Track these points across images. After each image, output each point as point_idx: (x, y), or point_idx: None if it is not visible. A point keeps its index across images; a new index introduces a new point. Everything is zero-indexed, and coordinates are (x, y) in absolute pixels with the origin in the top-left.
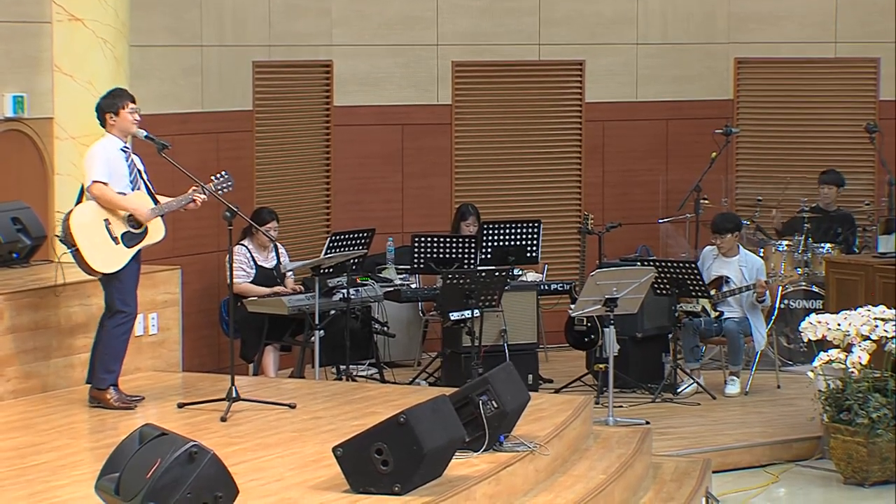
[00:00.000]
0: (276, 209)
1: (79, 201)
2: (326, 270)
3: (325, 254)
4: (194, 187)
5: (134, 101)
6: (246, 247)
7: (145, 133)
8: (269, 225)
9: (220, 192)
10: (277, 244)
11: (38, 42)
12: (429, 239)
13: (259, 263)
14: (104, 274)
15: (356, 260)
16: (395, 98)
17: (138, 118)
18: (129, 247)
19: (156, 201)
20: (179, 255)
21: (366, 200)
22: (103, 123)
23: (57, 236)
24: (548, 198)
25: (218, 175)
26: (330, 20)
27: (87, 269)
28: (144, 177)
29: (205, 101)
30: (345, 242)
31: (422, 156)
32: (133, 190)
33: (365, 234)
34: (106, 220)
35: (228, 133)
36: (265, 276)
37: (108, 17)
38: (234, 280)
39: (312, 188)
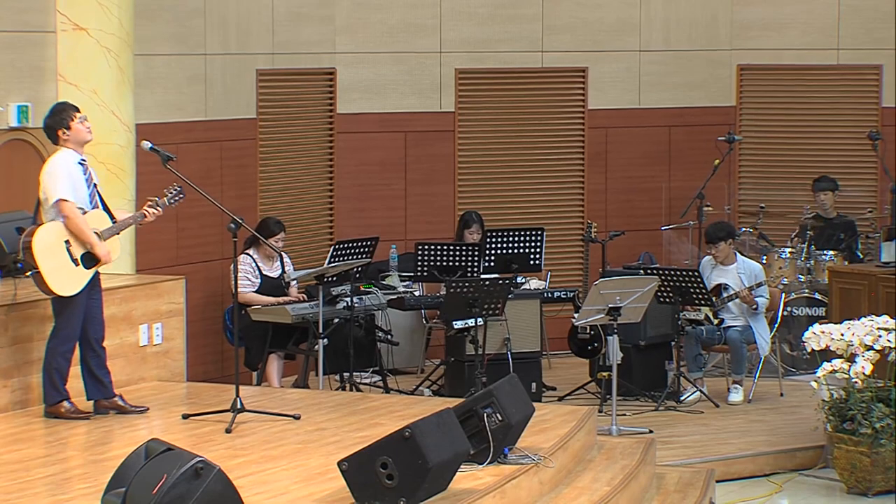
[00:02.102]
0: (279, 217)
1: (36, 214)
2: (330, 279)
3: (329, 262)
4: (149, 200)
5: (79, 111)
6: (251, 256)
7: (150, 145)
8: (276, 236)
9: (171, 204)
10: (283, 254)
11: (43, 51)
12: (432, 247)
13: (264, 273)
14: (63, 296)
15: (359, 268)
16: (399, 105)
17: (88, 125)
18: (88, 268)
19: (111, 215)
20: (184, 264)
21: (369, 207)
22: (56, 141)
23: (20, 261)
24: (551, 204)
25: (170, 188)
26: (333, 28)
27: (47, 290)
28: (99, 190)
29: (209, 109)
30: (348, 251)
31: (425, 163)
32: (91, 205)
33: (368, 243)
34: (66, 241)
35: (232, 141)
36: (270, 286)
37: (113, 27)
38: (239, 289)
39: (316, 195)
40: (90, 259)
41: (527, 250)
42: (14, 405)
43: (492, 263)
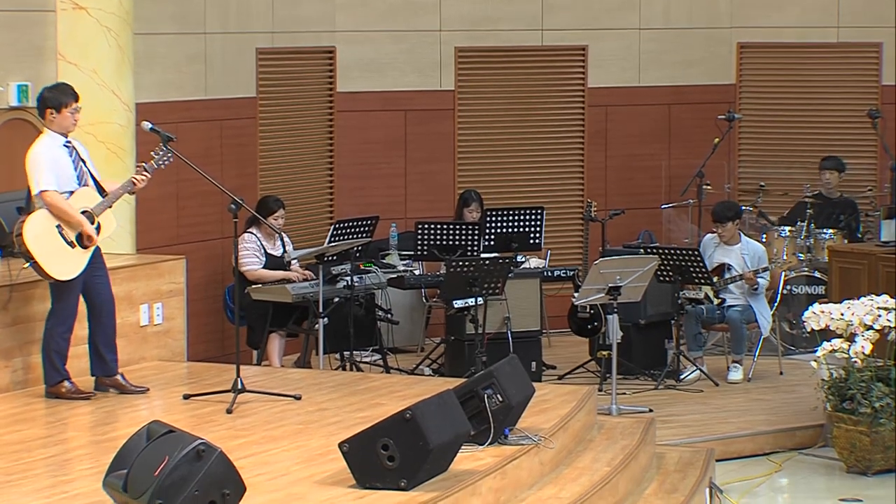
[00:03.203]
0: (280, 195)
1: (28, 202)
2: (330, 258)
3: (329, 242)
4: (138, 166)
5: (77, 101)
6: (255, 234)
7: (150, 125)
8: (276, 214)
9: (161, 166)
10: (283, 234)
11: (43, 31)
12: (432, 226)
13: (268, 251)
14: (64, 281)
15: (359, 247)
16: (398, 84)
17: (78, 118)
18: (85, 248)
19: (102, 189)
20: (184, 243)
21: (369, 186)
22: (42, 115)
23: (15, 253)
24: (551, 183)
25: (157, 150)
26: (333, 6)
27: (48, 278)
28: (89, 165)
29: (208, 88)
30: (348, 230)
31: (425, 141)
32: (80, 183)
33: (368, 222)
34: (58, 225)
35: (232, 120)
36: (274, 264)
37: (112, 6)
38: (248, 267)
39: (316, 174)
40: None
41: (527, 229)
42: (15, 385)
43: (492, 242)
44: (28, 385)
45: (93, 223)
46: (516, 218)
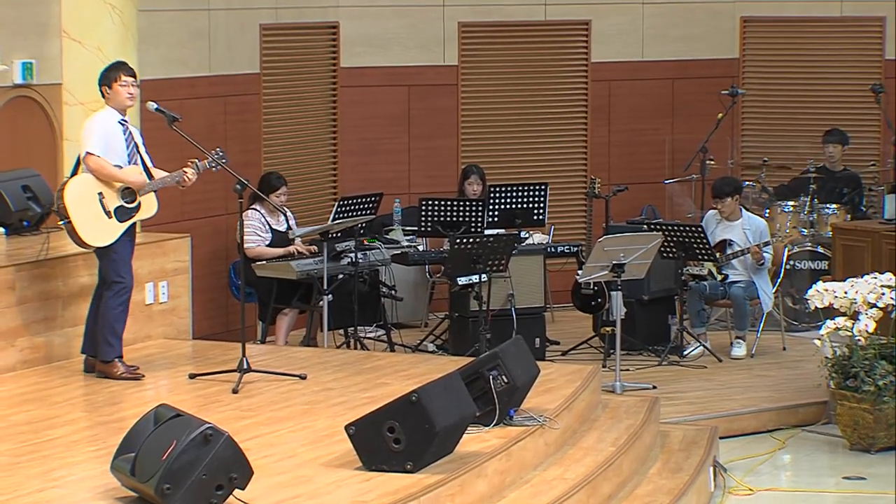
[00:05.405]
0: (283, 171)
1: (75, 171)
2: (334, 234)
3: (333, 219)
4: (189, 162)
5: (130, 74)
6: (259, 211)
7: (156, 105)
8: (279, 191)
9: (213, 168)
10: (287, 210)
11: (47, 8)
12: (436, 202)
13: (273, 227)
14: (96, 247)
15: (363, 223)
16: (402, 59)
17: (132, 91)
18: (121, 221)
19: (150, 175)
20: (188, 219)
21: (373, 162)
22: (102, 95)
23: (54, 211)
24: (554, 158)
25: (213, 151)
26: None
27: (80, 242)
28: (142, 150)
29: (212, 64)
30: (352, 207)
31: (428, 117)
32: (130, 164)
33: (372, 199)
34: (100, 193)
35: (236, 96)
36: (280, 240)
37: None
38: (251, 244)
39: (319, 150)
40: (123, 212)
41: (530, 205)
42: (22, 364)
43: (495, 218)
44: (34, 364)
45: (134, 200)
46: (520, 194)
